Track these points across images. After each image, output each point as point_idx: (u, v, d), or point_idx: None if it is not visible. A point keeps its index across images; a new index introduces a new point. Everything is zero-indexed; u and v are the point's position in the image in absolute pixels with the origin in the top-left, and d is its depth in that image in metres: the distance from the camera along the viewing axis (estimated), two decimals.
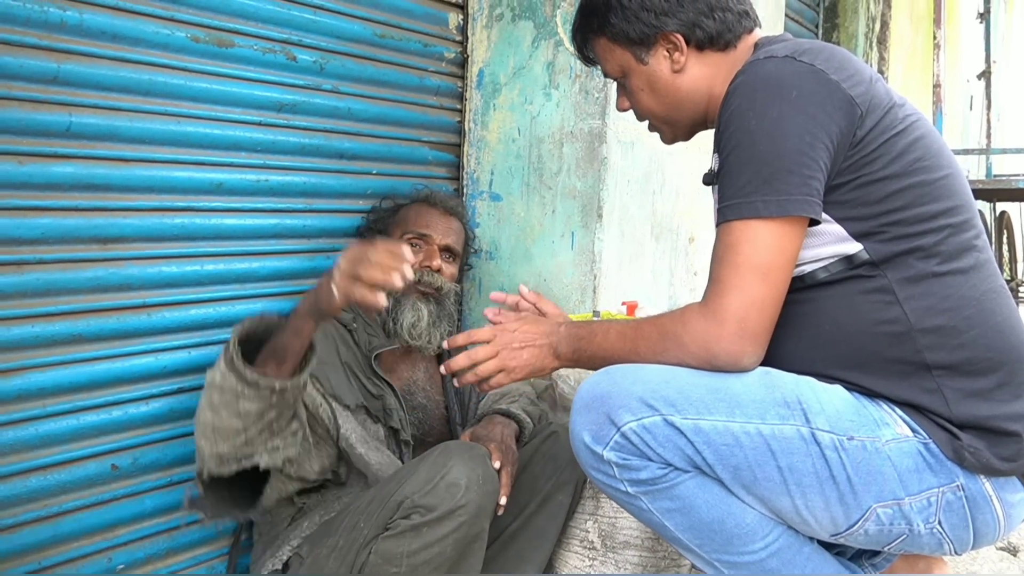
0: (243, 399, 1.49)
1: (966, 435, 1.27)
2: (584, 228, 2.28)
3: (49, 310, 1.57)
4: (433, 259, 1.98)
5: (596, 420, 1.34)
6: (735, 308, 1.28)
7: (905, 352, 1.31)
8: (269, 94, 1.92)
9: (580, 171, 2.29)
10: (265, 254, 1.95)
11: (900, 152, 1.32)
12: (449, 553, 1.57)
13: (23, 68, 1.50)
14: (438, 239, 2.01)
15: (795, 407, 1.30)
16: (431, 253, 1.99)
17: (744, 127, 1.30)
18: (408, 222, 2.01)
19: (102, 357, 1.66)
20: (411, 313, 1.92)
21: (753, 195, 1.28)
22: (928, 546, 1.33)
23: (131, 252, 1.69)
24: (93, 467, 1.66)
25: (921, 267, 1.31)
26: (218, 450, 1.53)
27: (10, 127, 1.49)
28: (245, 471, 1.57)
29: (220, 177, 1.83)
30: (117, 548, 1.70)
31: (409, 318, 1.92)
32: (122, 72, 1.64)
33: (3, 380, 1.52)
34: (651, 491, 1.34)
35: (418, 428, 1.96)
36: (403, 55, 2.24)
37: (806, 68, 1.31)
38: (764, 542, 1.33)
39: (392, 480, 1.67)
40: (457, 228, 2.07)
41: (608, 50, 1.54)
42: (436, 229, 2.01)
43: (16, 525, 1.54)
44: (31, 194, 1.53)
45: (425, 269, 1.96)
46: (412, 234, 1.99)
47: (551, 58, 2.33)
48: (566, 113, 2.31)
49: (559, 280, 2.32)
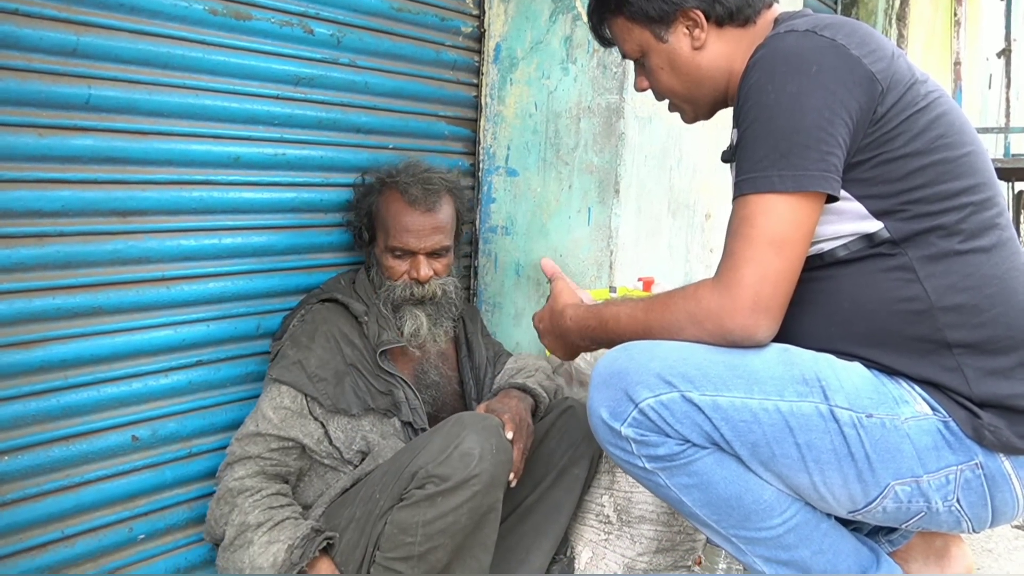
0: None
1: (986, 413, 1.26)
2: (601, 204, 2.28)
3: (70, 282, 1.58)
4: (420, 269, 1.91)
5: (614, 396, 1.34)
6: (749, 281, 1.26)
7: (925, 330, 1.30)
8: (286, 67, 1.91)
9: (597, 146, 2.28)
10: (282, 228, 1.96)
11: (922, 129, 1.31)
12: (464, 523, 1.58)
13: (43, 40, 1.50)
14: (422, 248, 1.92)
15: (814, 384, 1.29)
16: (416, 263, 1.92)
17: (763, 101, 1.29)
18: (388, 232, 1.91)
19: (122, 330, 1.67)
20: (410, 322, 1.92)
21: (770, 169, 1.27)
22: (946, 524, 1.33)
23: (150, 225, 1.70)
24: (114, 438, 1.68)
25: (943, 245, 1.30)
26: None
27: (30, 99, 1.50)
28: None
29: (237, 151, 1.84)
30: (138, 518, 1.73)
31: (409, 327, 1.92)
32: (140, 45, 1.64)
33: (25, 351, 1.53)
34: (669, 467, 1.34)
35: (432, 405, 1.96)
36: (420, 29, 2.23)
37: (827, 43, 1.30)
38: (782, 518, 1.33)
39: (407, 451, 1.68)
40: (442, 220, 1.95)
41: (626, 30, 1.52)
42: (418, 239, 1.91)
43: (40, 494, 1.56)
44: (51, 166, 1.54)
45: (413, 281, 1.92)
46: (396, 250, 1.91)
47: (569, 32, 2.31)
48: (583, 88, 2.30)
49: (575, 256, 2.32)
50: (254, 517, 1.64)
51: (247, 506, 1.65)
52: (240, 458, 1.71)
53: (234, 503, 1.66)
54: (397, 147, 2.19)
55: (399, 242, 1.91)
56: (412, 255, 1.92)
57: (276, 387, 1.76)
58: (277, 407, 1.74)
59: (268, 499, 1.68)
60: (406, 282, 1.92)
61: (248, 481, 1.68)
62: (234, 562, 1.63)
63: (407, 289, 1.92)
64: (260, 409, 1.75)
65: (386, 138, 2.17)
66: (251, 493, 1.67)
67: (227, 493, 1.68)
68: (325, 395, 1.77)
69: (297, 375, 1.75)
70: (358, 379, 1.83)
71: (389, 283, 1.92)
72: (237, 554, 1.63)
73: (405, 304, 1.92)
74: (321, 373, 1.78)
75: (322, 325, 1.83)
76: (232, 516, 1.65)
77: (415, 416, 1.87)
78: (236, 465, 1.71)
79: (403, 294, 1.92)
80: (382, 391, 1.85)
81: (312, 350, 1.79)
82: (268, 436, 1.72)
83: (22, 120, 1.49)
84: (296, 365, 1.76)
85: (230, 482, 1.68)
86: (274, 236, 1.94)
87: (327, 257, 2.07)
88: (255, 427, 1.73)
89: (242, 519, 1.64)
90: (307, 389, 1.75)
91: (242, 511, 1.65)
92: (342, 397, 1.79)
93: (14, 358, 1.52)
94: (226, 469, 1.72)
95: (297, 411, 1.75)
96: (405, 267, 1.92)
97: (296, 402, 1.75)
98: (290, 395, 1.75)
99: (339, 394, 1.79)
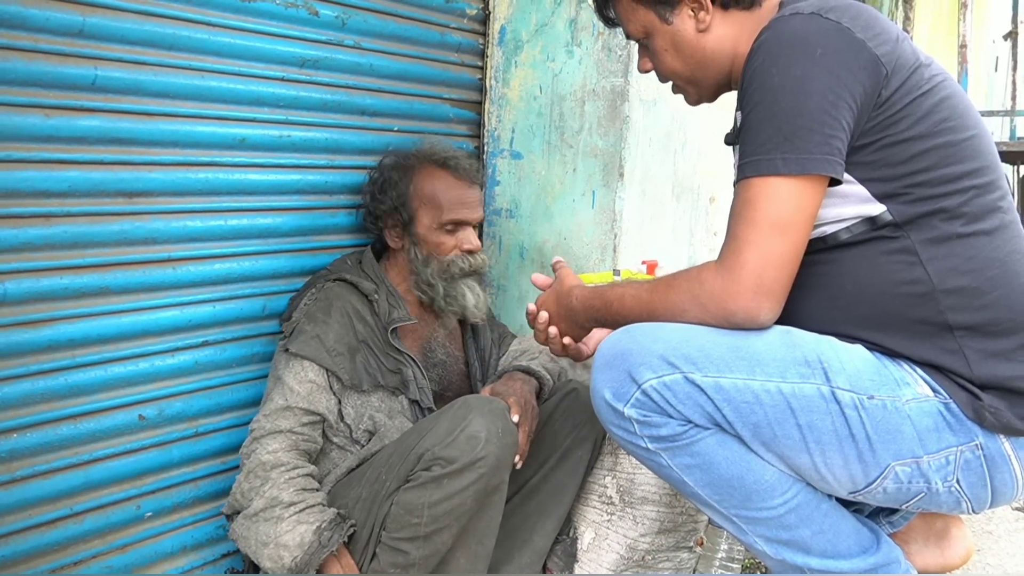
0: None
1: (987, 395, 1.27)
2: (605, 187, 2.28)
3: (77, 263, 1.60)
4: (472, 241, 1.95)
5: (617, 377, 1.35)
6: (752, 264, 1.27)
7: (927, 313, 1.30)
8: (291, 49, 1.91)
9: (602, 129, 2.28)
10: (287, 210, 1.96)
11: (926, 113, 1.31)
12: (469, 504, 1.60)
13: (49, 21, 1.50)
14: (475, 219, 1.97)
15: (816, 366, 1.30)
16: (470, 237, 1.95)
17: (767, 84, 1.29)
18: (441, 208, 1.92)
19: (129, 310, 1.68)
20: (471, 294, 1.93)
21: (773, 152, 1.27)
22: (946, 504, 1.34)
23: (156, 206, 1.71)
24: (121, 417, 1.69)
25: (945, 228, 1.30)
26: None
27: (37, 80, 1.50)
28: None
29: (243, 132, 1.84)
30: (145, 496, 1.75)
31: (471, 299, 1.93)
32: (146, 26, 1.64)
33: (33, 331, 1.55)
34: (671, 447, 1.35)
35: (438, 384, 1.97)
36: (425, 11, 2.22)
37: (832, 26, 1.30)
38: (783, 498, 1.34)
39: (413, 433, 1.70)
40: (480, 194, 2.01)
41: (631, 10, 1.51)
42: (471, 210, 1.95)
43: (49, 471, 1.58)
44: (58, 147, 1.55)
45: (466, 253, 1.94)
46: (450, 224, 1.93)
47: (573, 15, 2.31)
48: (588, 71, 2.29)
49: (579, 239, 2.32)
50: (288, 495, 1.64)
51: (282, 481, 1.65)
52: (271, 432, 1.70)
53: (267, 476, 1.66)
54: (402, 129, 2.19)
55: (456, 215, 1.93)
56: (463, 227, 1.94)
57: (299, 361, 1.76)
58: (303, 380, 1.75)
59: (302, 479, 1.68)
60: (459, 255, 1.94)
61: (283, 455, 1.68)
62: (256, 532, 1.63)
63: (464, 261, 1.94)
64: (284, 383, 1.74)
65: (391, 120, 2.17)
66: (286, 468, 1.67)
67: (259, 467, 1.67)
68: (343, 369, 1.78)
69: (316, 349, 1.76)
70: (369, 356, 1.84)
71: (439, 260, 1.93)
72: (262, 526, 1.63)
73: (461, 277, 1.93)
74: (338, 348, 1.79)
75: (336, 301, 1.84)
76: (264, 488, 1.65)
77: (422, 395, 1.88)
78: (267, 439, 1.70)
79: (462, 266, 1.93)
80: (391, 369, 1.86)
81: (329, 325, 1.80)
82: (297, 410, 1.72)
83: (29, 100, 1.50)
84: (315, 339, 1.77)
85: (263, 455, 1.68)
86: (279, 218, 1.95)
87: (332, 239, 2.08)
88: (283, 401, 1.72)
89: (275, 493, 1.64)
90: (327, 363, 1.76)
91: (276, 485, 1.65)
92: (355, 373, 1.80)
93: (22, 337, 1.53)
94: (253, 443, 1.71)
95: (321, 385, 1.76)
96: (454, 242, 1.94)
97: (320, 376, 1.76)
98: (313, 369, 1.76)
99: (353, 369, 1.80)
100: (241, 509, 1.69)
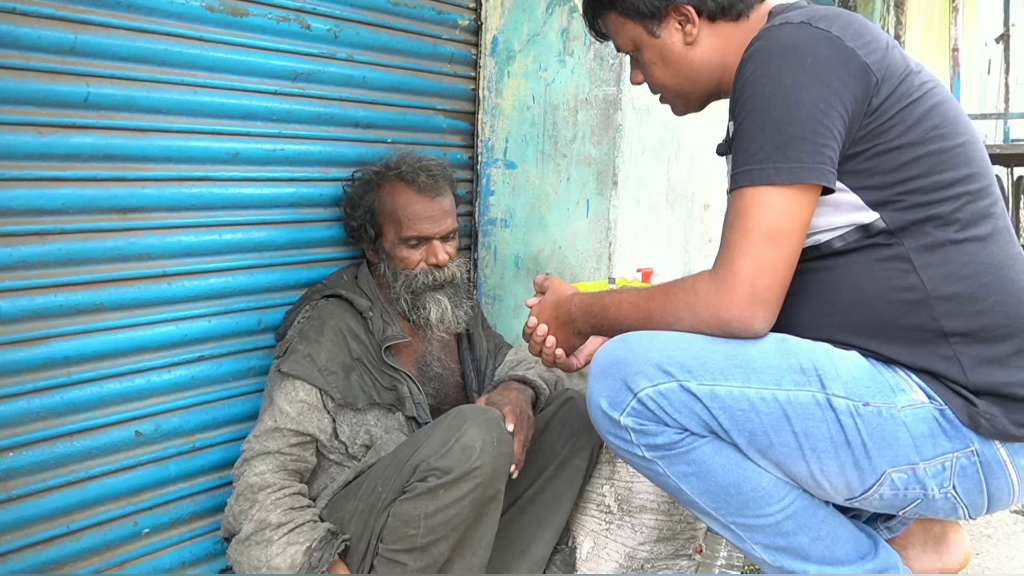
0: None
1: (982, 401, 1.27)
2: (599, 195, 2.28)
3: (71, 280, 1.59)
4: (437, 254, 1.93)
5: (613, 386, 1.35)
6: (745, 273, 1.27)
7: (922, 319, 1.31)
8: (284, 63, 1.92)
9: (595, 138, 2.28)
10: (282, 223, 1.96)
11: (916, 120, 1.31)
12: (466, 514, 1.60)
13: (41, 39, 1.51)
14: (437, 232, 1.94)
15: (811, 373, 1.30)
16: (432, 249, 1.93)
17: (758, 94, 1.30)
18: (401, 223, 1.91)
19: (124, 326, 1.68)
20: (435, 308, 1.92)
21: (765, 162, 1.28)
22: (943, 511, 1.34)
23: (150, 222, 1.71)
24: (117, 433, 1.69)
25: (938, 235, 1.31)
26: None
27: (29, 98, 1.50)
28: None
29: (236, 147, 1.84)
30: (143, 512, 1.74)
31: (435, 313, 1.92)
32: (138, 42, 1.65)
33: (29, 348, 1.54)
34: (668, 456, 1.35)
35: (434, 397, 1.97)
36: (417, 23, 2.23)
37: (822, 34, 1.30)
38: (780, 505, 1.34)
39: (408, 444, 1.70)
40: (448, 204, 1.97)
41: (619, 24, 1.53)
42: (432, 224, 1.93)
43: (46, 489, 1.58)
44: (51, 164, 1.55)
45: (431, 267, 1.93)
46: (410, 240, 1.92)
47: (565, 24, 2.32)
48: (581, 80, 2.30)
49: (574, 247, 2.32)
50: (275, 516, 1.64)
51: (269, 503, 1.65)
52: (259, 453, 1.70)
53: (255, 499, 1.66)
54: (395, 141, 2.19)
55: (414, 231, 1.92)
56: (427, 242, 1.94)
57: (290, 381, 1.76)
58: (293, 400, 1.74)
59: (290, 499, 1.68)
60: (424, 269, 1.93)
61: (270, 477, 1.68)
62: (249, 557, 1.63)
63: (428, 275, 1.93)
64: (275, 404, 1.74)
65: (384, 132, 2.17)
66: (273, 490, 1.67)
67: (247, 489, 1.67)
68: (335, 388, 1.78)
69: (308, 368, 1.76)
70: (364, 374, 1.84)
71: (406, 273, 1.93)
72: (254, 550, 1.63)
73: (426, 291, 1.93)
74: (331, 367, 1.78)
75: (329, 320, 1.84)
76: (252, 511, 1.65)
77: (419, 411, 1.88)
78: (255, 461, 1.70)
79: (425, 280, 1.92)
80: (387, 387, 1.86)
81: (322, 344, 1.80)
82: (286, 431, 1.72)
83: (21, 119, 1.50)
84: (307, 359, 1.77)
85: (251, 477, 1.68)
86: (274, 231, 1.95)
87: (327, 252, 2.08)
88: (272, 422, 1.72)
89: (263, 516, 1.64)
90: (318, 382, 1.76)
91: (263, 507, 1.65)
92: (350, 391, 1.80)
93: (17, 355, 1.53)
94: (243, 465, 1.71)
95: (313, 404, 1.76)
96: (420, 255, 1.93)
97: (311, 396, 1.76)
98: (304, 389, 1.75)
99: (347, 388, 1.80)
100: (235, 532, 1.69)
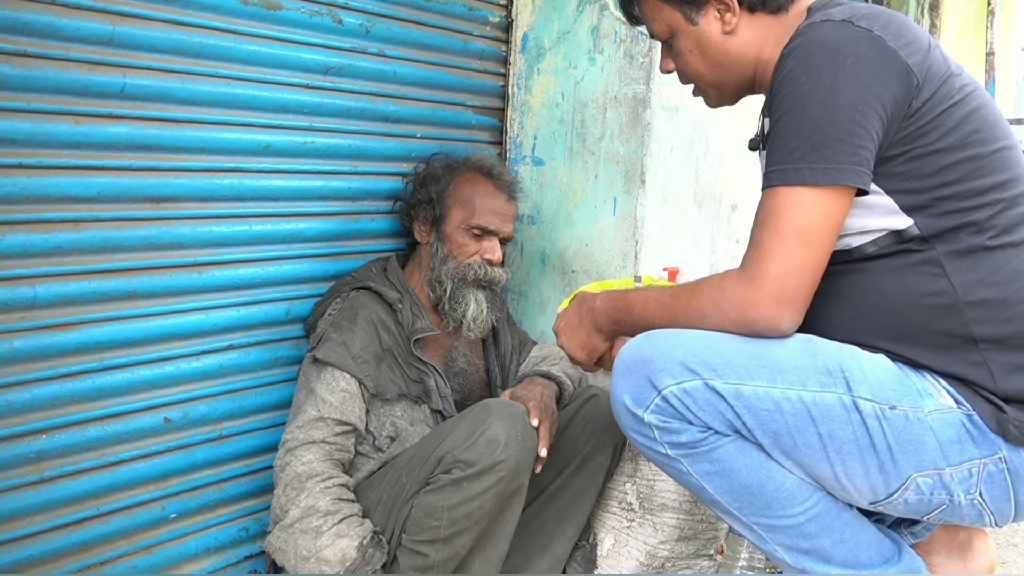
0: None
1: (1012, 408, 1.26)
2: (627, 194, 2.28)
3: (105, 267, 1.62)
4: (495, 251, 1.96)
5: (637, 383, 1.35)
6: (774, 273, 1.26)
7: (951, 325, 1.29)
8: (316, 57, 1.93)
9: (623, 136, 2.28)
10: (311, 215, 1.98)
11: (956, 124, 1.29)
12: (489, 507, 1.61)
13: (80, 30, 1.53)
14: (503, 231, 1.98)
15: (837, 375, 1.29)
16: (494, 247, 1.97)
17: (797, 92, 1.28)
18: (473, 211, 1.95)
19: (155, 313, 1.71)
20: (474, 306, 1.94)
21: (801, 161, 1.26)
22: (968, 517, 1.33)
23: (182, 212, 1.73)
24: (147, 419, 1.72)
25: (972, 241, 1.29)
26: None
27: (67, 87, 1.53)
28: None
29: (268, 139, 1.86)
30: (170, 497, 1.77)
31: (472, 311, 1.94)
32: (174, 34, 1.67)
33: (63, 334, 1.57)
34: (691, 454, 1.35)
35: (459, 392, 1.98)
36: (448, 19, 2.24)
37: (864, 34, 1.28)
38: (803, 507, 1.34)
39: (433, 436, 1.71)
40: (515, 211, 2.04)
41: (656, 9, 1.50)
42: (502, 221, 1.98)
43: (77, 472, 1.61)
44: (87, 153, 1.57)
45: (486, 261, 1.96)
46: (477, 229, 1.95)
47: (596, 22, 2.32)
48: (610, 78, 2.30)
49: (600, 245, 2.32)
50: (325, 504, 1.64)
51: (317, 491, 1.65)
52: (304, 443, 1.70)
53: (303, 486, 1.65)
54: (425, 136, 2.21)
55: (484, 221, 1.95)
56: (489, 237, 1.96)
57: (329, 371, 1.76)
58: (335, 390, 1.75)
59: (339, 489, 1.68)
60: (479, 262, 1.95)
61: (318, 465, 1.68)
62: (295, 546, 1.63)
63: (481, 268, 1.95)
64: (316, 394, 1.75)
65: (414, 127, 2.19)
66: (322, 478, 1.67)
67: (295, 478, 1.66)
68: (369, 377, 1.79)
69: (343, 356, 1.77)
70: (393, 365, 1.85)
71: (457, 260, 1.95)
72: (300, 539, 1.62)
73: (472, 286, 1.95)
74: (364, 355, 1.80)
75: (362, 310, 1.85)
76: (300, 498, 1.64)
77: (444, 404, 1.89)
78: (300, 450, 1.69)
79: (478, 273, 1.94)
80: (414, 379, 1.87)
81: (355, 333, 1.81)
82: (330, 420, 1.73)
83: (59, 108, 1.52)
84: (341, 346, 1.78)
85: (298, 466, 1.67)
86: (303, 223, 1.97)
87: (355, 244, 2.09)
88: (316, 412, 1.73)
89: (311, 502, 1.63)
90: (353, 370, 1.77)
91: (311, 494, 1.64)
92: (381, 381, 1.81)
93: (52, 340, 1.56)
94: (287, 455, 1.70)
95: (354, 393, 1.77)
96: (476, 248, 1.96)
97: (352, 385, 1.77)
98: (344, 378, 1.76)
99: (379, 378, 1.81)
100: (279, 522, 1.68)
